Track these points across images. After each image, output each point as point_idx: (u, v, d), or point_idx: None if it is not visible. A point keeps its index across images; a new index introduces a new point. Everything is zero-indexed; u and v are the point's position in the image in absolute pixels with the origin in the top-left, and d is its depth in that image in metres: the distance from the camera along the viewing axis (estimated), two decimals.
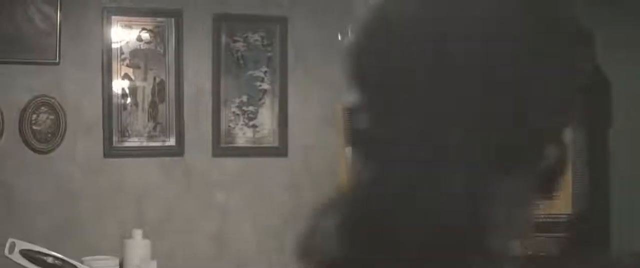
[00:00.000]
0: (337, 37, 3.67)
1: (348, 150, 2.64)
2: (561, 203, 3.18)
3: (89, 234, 3.45)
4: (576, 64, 0.86)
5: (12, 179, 3.40)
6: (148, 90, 3.55)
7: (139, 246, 3.36)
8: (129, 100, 3.52)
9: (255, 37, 3.69)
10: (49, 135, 3.41)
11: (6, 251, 3.01)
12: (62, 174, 3.46)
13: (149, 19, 3.55)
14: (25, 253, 3.03)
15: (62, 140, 3.44)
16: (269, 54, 3.71)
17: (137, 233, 3.37)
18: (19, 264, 3.01)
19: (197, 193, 3.64)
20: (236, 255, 3.69)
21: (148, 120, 3.55)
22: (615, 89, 3.53)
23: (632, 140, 3.47)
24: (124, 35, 3.51)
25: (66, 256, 2.99)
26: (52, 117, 3.41)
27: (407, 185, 0.82)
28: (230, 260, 3.68)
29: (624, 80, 3.48)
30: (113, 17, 3.49)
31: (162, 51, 3.56)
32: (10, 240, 3.03)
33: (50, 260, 3.02)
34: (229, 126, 3.67)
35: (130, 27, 3.53)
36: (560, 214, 3.19)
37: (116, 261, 3.30)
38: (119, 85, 3.51)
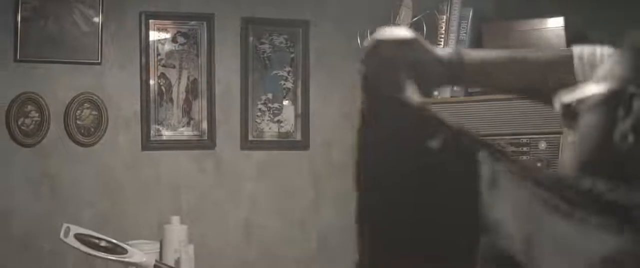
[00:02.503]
0: (355, 40, 4.00)
1: None
2: None
3: (129, 221, 3.75)
4: None
5: (58, 170, 3.70)
6: (182, 88, 3.85)
7: (177, 231, 3.67)
8: (164, 97, 3.81)
9: (280, 39, 4.00)
10: (92, 129, 3.71)
11: (61, 235, 3.29)
12: (103, 166, 3.76)
13: (183, 23, 3.85)
14: (80, 237, 3.31)
15: (104, 134, 3.73)
16: (292, 55, 4.02)
17: (175, 219, 3.67)
18: (74, 247, 3.29)
19: (227, 184, 3.95)
20: (262, 241, 4.00)
21: (182, 116, 3.85)
22: None
23: None
24: (160, 37, 3.79)
25: None
26: (94, 112, 3.71)
27: None
28: (257, 246, 4.00)
29: None
30: (150, 21, 3.80)
31: (195, 52, 3.86)
32: (65, 225, 3.32)
33: (103, 243, 3.31)
34: (256, 121, 3.97)
35: (166, 30, 3.82)
36: None
37: (157, 245, 3.60)
38: (155, 83, 3.79)
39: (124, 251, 3.38)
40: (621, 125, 1.22)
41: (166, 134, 3.86)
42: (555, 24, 3.71)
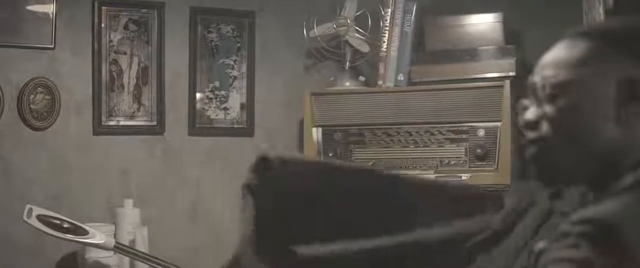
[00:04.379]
0: (299, 31, 4.16)
1: (314, 130, 3.33)
2: (503, 176, 3.73)
3: (80, 204, 3.82)
4: None
5: (11, 153, 3.76)
6: (133, 75, 3.95)
7: (130, 214, 3.78)
8: (116, 83, 3.90)
9: (227, 29, 4.14)
10: (45, 113, 3.77)
11: (25, 216, 3.36)
12: (56, 150, 3.84)
13: (134, 10, 3.95)
14: (42, 219, 3.39)
15: (56, 118, 3.79)
16: (239, 45, 4.17)
17: (128, 202, 3.79)
18: (37, 228, 3.36)
19: (175, 169, 4.08)
20: (209, 225, 4.12)
21: (133, 102, 3.95)
22: None
23: None
24: (112, 24, 3.87)
25: None
26: (48, 97, 3.78)
27: None
28: (204, 229, 4.12)
29: None
30: (103, 8, 3.87)
31: (145, 39, 3.97)
32: (28, 206, 3.40)
33: (65, 225, 3.40)
34: (203, 108, 4.11)
35: (118, 17, 3.90)
36: (502, 184, 3.73)
37: (112, 227, 3.70)
38: (107, 69, 3.87)
39: (85, 232, 3.48)
40: None
41: (117, 119, 3.94)
42: (493, 20, 3.93)
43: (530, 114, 1.49)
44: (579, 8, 3.90)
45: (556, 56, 1.52)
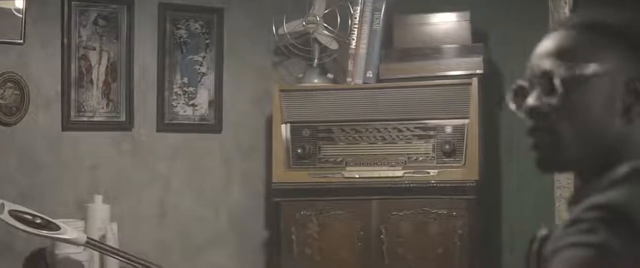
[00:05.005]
0: (267, 28, 4.20)
1: (283, 126, 3.41)
2: (470, 171, 3.81)
3: (49, 199, 3.82)
4: None
5: None
6: (102, 70, 3.95)
7: (100, 210, 3.78)
8: (85, 78, 3.90)
9: (195, 25, 4.17)
10: (14, 109, 3.76)
11: None
12: (25, 145, 3.83)
13: (103, 6, 3.96)
14: (14, 214, 3.37)
15: (25, 113, 3.78)
16: (207, 41, 4.19)
17: (98, 198, 3.78)
18: (9, 224, 3.35)
19: (144, 164, 4.10)
20: (176, 220, 4.15)
21: (102, 98, 3.96)
22: (506, 80, 4.18)
23: (518, 122, 4.12)
24: (82, 19, 3.88)
25: None
26: (17, 92, 3.77)
27: None
28: (172, 225, 4.15)
29: (514, 73, 4.14)
30: (73, 3, 3.88)
31: (115, 35, 3.97)
32: (0, 201, 3.37)
33: (38, 220, 3.39)
34: (172, 104, 4.13)
35: (87, 12, 3.90)
36: (470, 180, 3.81)
37: (82, 223, 3.69)
38: (76, 65, 3.87)
39: (57, 228, 3.47)
40: None
41: (86, 115, 3.94)
42: (461, 18, 4.01)
43: (533, 100, 1.52)
44: (545, 7, 3.99)
45: (563, 45, 1.54)
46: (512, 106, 1.56)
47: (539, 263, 1.46)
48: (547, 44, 1.53)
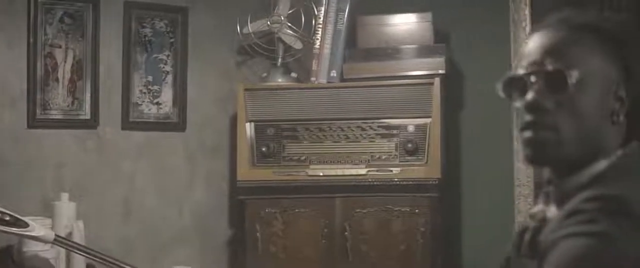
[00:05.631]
0: (231, 28, 4.25)
1: (248, 125, 3.49)
2: (433, 170, 3.89)
3: (15, 197, 3.82)
4: None
5: None
6: (68, 69, 3.98)
7: (66, 207, 3.80)
8: (51, 77, 3.93)
9: (160, 24, 4.22)
10: None
11: None
12: None
13: (69, 4, 3.99)
14: None
15: None
16: (172, 40, 4.23)
17: (64, 196, 3.81)
18: None
19: (109, 162, 4.13)
20: (141, 218, 4.19)
21: (67, 96, 3.98)
22: (467, 80, 4.28)
23: (479, 121, 4.24)
24: (48, 17, 3.90)
25: None
26: None
27: None
28: (136, 223, 4.19)
29: (475, 73, 4.24)
30: (39, 1, 3.93)
31: (80, 33, 4.00)
32: None
33: (7, 218, 3.40)
34: (137, 103, 4.16)
35: (53, 10, 3.93)
36: (432, 178, 3.89)
37: (49, 221, 3.71)
38: (42, 63, 3.90)
39: (25, 225, 3.48)
40: None
41: (51, 113, 3.96)
42: (423, 19, 4.09)
43: (535, 95, 1.58)
44: (506, 9, 4.10)
45: (561, 44, 1.61)
46: (502, 94, 1.63)
47: (534, 253, 1.53)
48: (545, 41, 1.61)
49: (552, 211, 1.61)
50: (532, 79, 1.58)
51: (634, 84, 1.61)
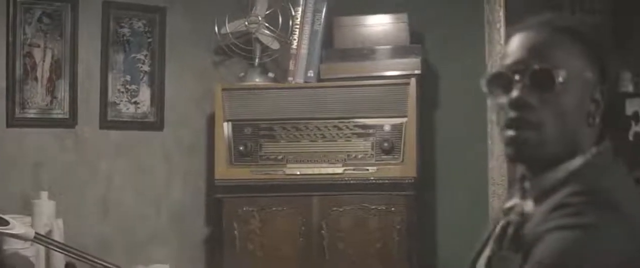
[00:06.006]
0: (209, 28, 4.30)
1: (225, 124, 3.56)
2: (408, 169, 3.96)
3: None
4: None
5: None
6: (46, 68, 4.02)
7: (46, 206, 3.83)
8: (30, 76, 3.96)
9: (138, 24, 4.26)
10: None
11: None
12: None
13: (48, 4, 4.03)
14: None
15: None
16: (150, 40, 4.27)
17: (44, 194, 3.84)
18: None
19: (87, 161, 4.16)
20: (119, 217, 4.23)
21: (46, 95, 4.02)
22: (442, 80, 4.35)
23: (454, 121, 4.31)
24: (27, 17, 3.94)
25: None
26: None
27: None
28: (114, 221, 4.22)
29: (450, 74, 4.32)
30: (18, 0, 3.95)
31: (59, 33, 4.03)
32: None
33: None
34: (115, 102, 4.20)
35: (32, 10, 3.97)
36: (408, 177, 3.96)
37: (29, 219, 3.75)
38: (21, 62, 3.93)
39: (5, 223, 3.51)
40: None
41: (30, 112, 3.99)
42: (399, 20, 4.17)
43: (520, 93, 1.64)
44: (480, 11, 4.17)
45: (543, 45, 1.66)
46: (485, 91, 1.69)
47: (518, 247, 1.59)
48: (529, 41, 1.67)
49: (530, 206, 1.67)
50: (517, 77, 1.64)
51: (609, 87, 1.69)
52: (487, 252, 1.77)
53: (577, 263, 1.46)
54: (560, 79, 1.61)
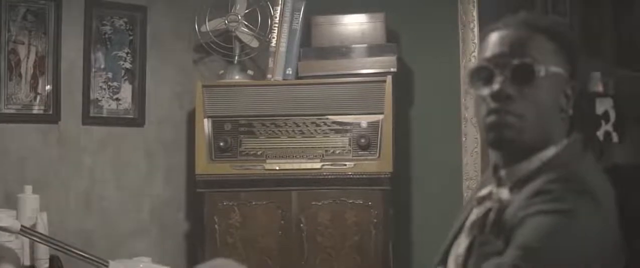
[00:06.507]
0: (189, 27, 4.40)
1: (205, 121, 3.70)
2: (385, 164, 4.08)
3: None
4: None
5: None
6: (30, 65, 4.10)
7: (30, 200, 3.92)
8: (14, 72, 4.04)
9: (120, 22, 4.35)
10: None
11: None
12: None
13: (33, 2, 4.11)
14: None
15: None
16: (131, 38, 4.36)
17: (28, 188, 3.93)
18: None
19: (70, 157, 4.25)
20: (101, 211, 4.32)
21: (30, 91, 4.10)
22: (418, 78, 4.48)
23: (429, 118, 4.43)
24: (11, 14, 4.02)
25: None
26: None
27: None
28: (97, 216, 4.32)
29: (425, 72, 4.44)
30: None
31: (43, 30, 4.12)
32: None
33: None
34: (97, 98, 4.29)
35: (17, 8, 4.06)
36: (384, 172, 4.08)
37: (14, 213, 3.83)
38: (6, 58, 4.01)
39: None
40: None
41: (14, 107, 4.07)
42: (375, 19, 4.28)
43: (501, 85, 1.76)
44: (454, 11, 4.30)
45: (522, 41, 1.79)
46: (467, 82, 1.83)
47: (500, 232, 1.71)
48: (509, 38, 1.80)
49: (505, 193, 1.79)
50: (497, 71, 1.77)
51: (578, 84, 1.82)
52: (462, 239, 1.88)
53: (558, 245, 1.58)
54: (542, 74, 1.74)
